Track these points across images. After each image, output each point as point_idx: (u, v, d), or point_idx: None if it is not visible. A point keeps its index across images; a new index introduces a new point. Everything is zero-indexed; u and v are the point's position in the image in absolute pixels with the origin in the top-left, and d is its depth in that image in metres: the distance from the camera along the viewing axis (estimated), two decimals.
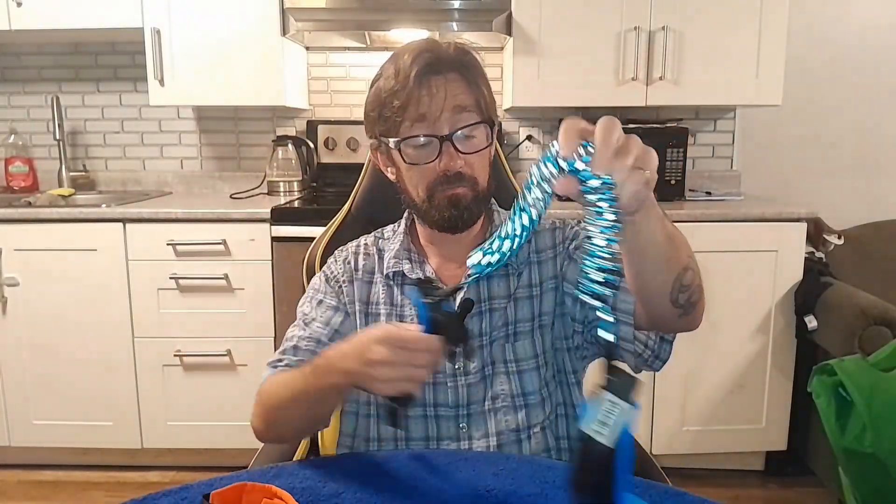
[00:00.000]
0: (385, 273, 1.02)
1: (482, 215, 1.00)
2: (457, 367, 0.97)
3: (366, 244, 1.07)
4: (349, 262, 1.05)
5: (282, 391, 0.89)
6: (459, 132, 0.92)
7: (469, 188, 0.94)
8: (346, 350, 0.78)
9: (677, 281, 0.81)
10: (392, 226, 1.09)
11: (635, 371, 0.95)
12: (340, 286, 1.03)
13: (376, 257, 1.05)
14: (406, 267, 1.01)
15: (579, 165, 0.61)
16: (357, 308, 1.01)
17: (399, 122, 0.93)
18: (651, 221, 0.72)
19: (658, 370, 0.94)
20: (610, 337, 0.60)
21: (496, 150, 1.24)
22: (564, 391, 1.03)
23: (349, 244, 1.09)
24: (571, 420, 1.02)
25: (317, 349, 0.95)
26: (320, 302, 1.02)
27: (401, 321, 1.00)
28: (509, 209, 1.08)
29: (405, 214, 1.08)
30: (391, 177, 1.03)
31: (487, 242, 0.66)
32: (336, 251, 1.09)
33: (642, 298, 0.84)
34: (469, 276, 0.68)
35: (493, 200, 1.08)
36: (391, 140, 0.95)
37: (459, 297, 0.98)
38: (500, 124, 2.63)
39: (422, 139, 0.93)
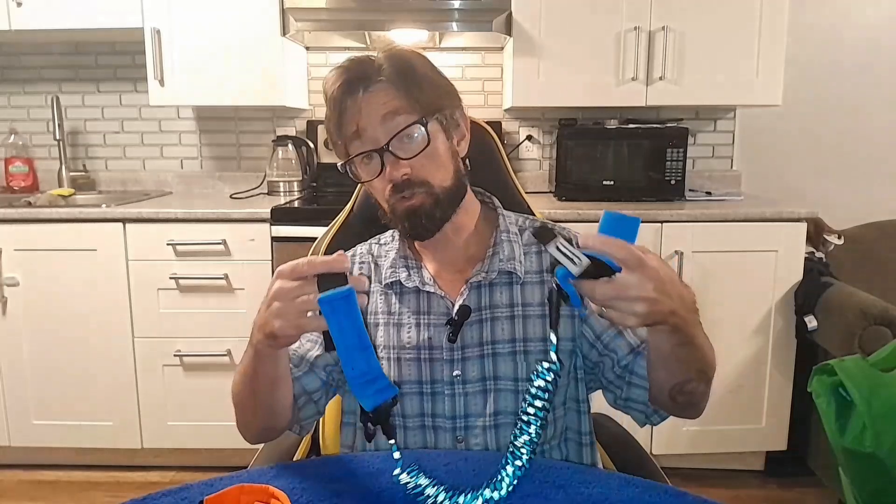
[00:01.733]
0: (383, 283, 1.01)
1: (451, 216, 0.97)
2: (455, 374, 0.95)
3: (361, 253, 1.06)
4: None
5: (235, 378, 0.91)
6: (395, 139, 0.90)
7: (424, 194, 0.92)
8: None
9: (678, 385, 0.85)
10: (390, 231, 1.08)
11: (640, 425, 0.98)
12: None
13: (372, 266, 1.04)
14: (403, 275, 0.99)
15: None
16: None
17: (342, 144, 0.95)
18: (660, 342, 0.79)
19: (657, 424, 0.96)
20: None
21: (498, 149, 1.24)
22: (572, 418, 1.00)
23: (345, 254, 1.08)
24: (575, 445, 1.01)
25: (301, 363, 0.96)
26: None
27: (398, 330, 0.98)
28: (510, 210, 1.08)
29: None
30: (372, 198, 1.02)
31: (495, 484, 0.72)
32: None
33: (649, 379, 0.90)
34: None
35: (497, 203, 1.07)
36: (339, 164, 0.97)
37: (458, 304, 0.97)
38: (496, 121, 2.63)
39: (363, 156, 0.93)
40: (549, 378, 0.70)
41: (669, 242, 2.12)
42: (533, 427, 0.70)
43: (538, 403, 0.71)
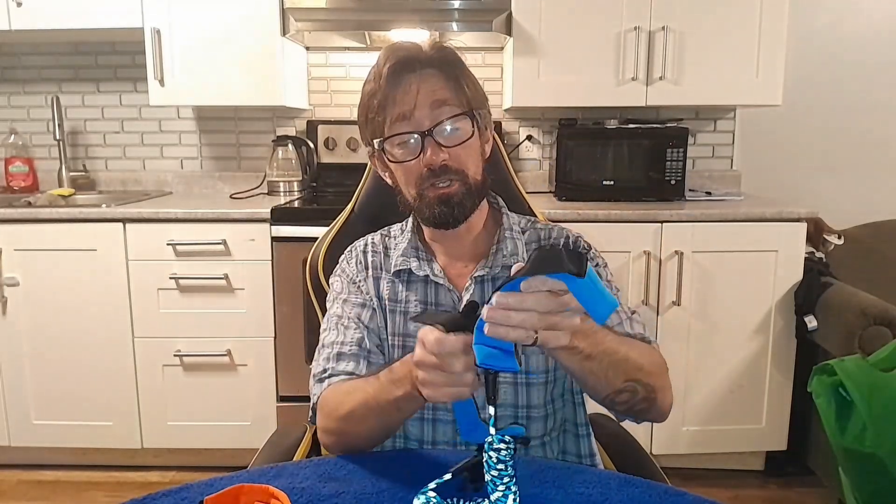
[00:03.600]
0: (392, 270, 1.02)
1: (476, 209, 0.99)
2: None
3: (373, 242, 1.07)
4: (360, 262, 1.05)
5: (354, 402, 0.86)
6: (440, 126, 0.92)
7: (459, 182, 0.94)
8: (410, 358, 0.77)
9: (608, 398, 0.85)
10: (399, 225, 1.09)
11: (619, 421, 0.98)
12: (358, 286, 1.03)
13: (383, 255, 1.05)
14: (414, 265, 1.01)
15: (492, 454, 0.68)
16: (375, 304, 1.02)
17: (381, 122, 0.94)
18: (569, 361, 0.77)
19: (639, 423, 0.94)
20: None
21: (499, 149, 1.25)
22: (568, 409, 1.03)
23: (357, 243, 1.09)
24: (572, 437, 1.03)
25: (360, 352, 0.95)
26: (346, 301, 1.02)
27: (405, 318, 1.00)
28: (513, 210, 1.09)
29: (412, 214, 1.08)
30: (388, 181, 1.03)
31: None
32: (346, 251, 1.08)
33: None
34: None
35: (502, 203, 1.08)
36: (376, 141, 0.96)
37: (465, 299, 0.98)
38: (496, 121, 2.63)
39: (404, 137, 0.93)
40: (503, 453, 0.69)
41: (669, 242, 2.12)
42: (500, 486, 0.69)
43: (500, 467, 0.69)
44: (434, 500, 0.69)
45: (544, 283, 0.65)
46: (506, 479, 0.68)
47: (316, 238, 1.26)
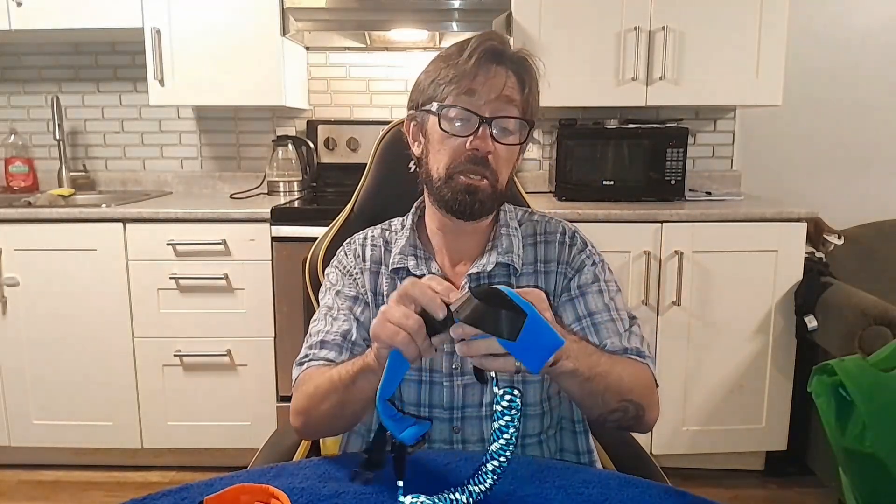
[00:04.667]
0: (391, 267, 1.02)
1: (492, 213, 1.00)
2: (454, 366, 0.97)
3: (373, 236, 1.07)
4: (358, 255, 1.05)
5: (318, 381, 0.89)
6: (500, 119, 0.93)
7: (489, 181, 0.95)
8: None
9: (601, 416, 0.90)
10: (399, 219, 1.09)
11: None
12: (354, 278, 1.03)
13: (383, 249, 1.05)
14: (411, 263, 1.01)
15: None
16: (369, 298, 1.02)
17: (449, 92, 0.94)
18: (569, 384, 0.83)
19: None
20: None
21: None
22: (565, 407, 1.04)
23: (356, 236, 1.09)
24: (569, 434, 1.04)
25: (344, 343, 0.96)
26: (338, 292, 1.02)
27: None
28: (512, 205, 1.09)
29: (412, 209, 1.08)
30: (416, 150, 1.02)
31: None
32: (345, 243, 1.08)
33: None
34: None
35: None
36: (435, 104, 0.95)
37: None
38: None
39: (463, 112, 0.93)
40: (509, 414, 0.70)
41: (669, 242, 2.12)
42: (505, 435, 0.69)
43: (505, 420, 0.70)
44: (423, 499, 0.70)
45: (475, 344, 0.69)
46: (511, 431, 0.69)
47: (316, 238, 1.26)
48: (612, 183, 2.34)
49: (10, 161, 2.66)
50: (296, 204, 2.36)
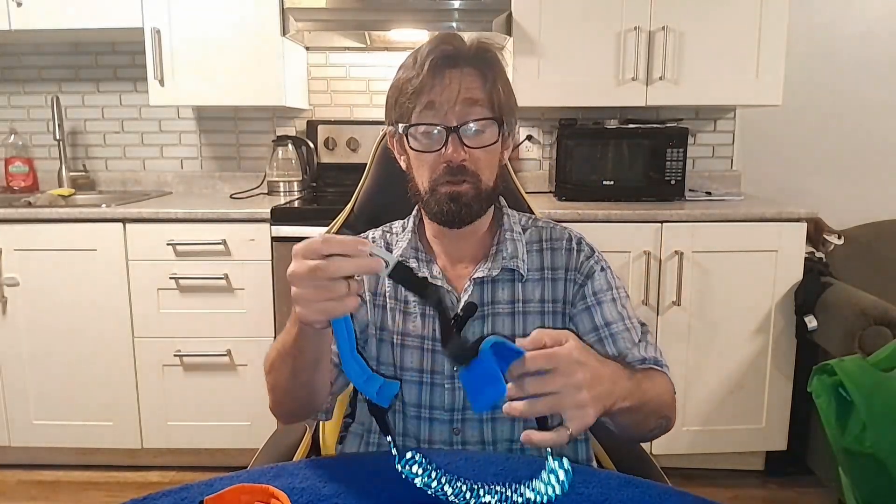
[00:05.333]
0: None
1: (483, 214, 0.99)
2: (455, 369, 0.96)
3: (374, 237, 1.07)
4: None
5: (271, 354, 0.88)
6: (467, 125, 0.92)
7: (471, 185, 0.94)
8: None
9: (640, 437, 0.94)
10: (401, 222, 1.09)
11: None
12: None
13: (384, 249, 1.05)
14: (413, 265, 1.00)
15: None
16: (367, 297, 1.02)
17: (411, 108, 0.93)
18: (621, 421, 0.83)
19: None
20: None
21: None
22: None
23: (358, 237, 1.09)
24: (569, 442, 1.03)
25: None
26: None
27: (405, 317, 1.00)
28: (514, 209, 1.09)
29: (413, 212, 1.07)
30: (402, 165, 1.03)
31: None
32: None
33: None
34: None
35: (503, 202, 1.08)
36: (401, 125, 0.95)
37: (464, 300, 0.98)
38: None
39: (430, 127, 0.93)
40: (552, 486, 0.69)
41: (669, 242, 2.12)
42: None
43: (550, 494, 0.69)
44: (417, 459, 0.71)
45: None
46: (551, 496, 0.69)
47: None
48: (612, 183, 2.34)
49: (10, 161, 2.66)
50: (296, 204, 2.36)
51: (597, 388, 0.69)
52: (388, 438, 0.74)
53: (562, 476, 0.68)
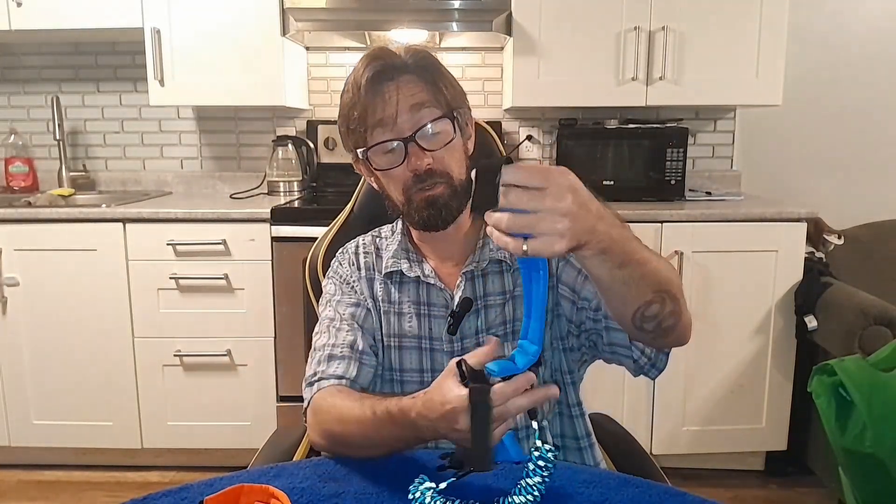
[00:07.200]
0: (384, 272, 1.03)
1: (464, 208, 0.98)
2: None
3: (364, 243, 1.08)
4: (353, 263, 1.06)
5: (351, 427, 0.84)
6: (422, 130, 0.92)
7: (444, 185, 0.94)
8: (429, 410, 0.73)
9: (638, 311, 0.78)
10: (389, 226, 1.10)
11: (634, 375, 0.94)
12: (352, 286, 1.04)
13: (374, 255, 1.06)
14: (405, 266, 1.01)
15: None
16: (370, 304, 1.02)
17: (363, 131, 0.94)
18: (595, 267, 0.72)
19: (654, 378, 0.94)
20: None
21: (499, 149, 1.25)
22: (560, 391, 1.03)
23: (348, 245, 1.10)
24: (567, 419, 1.03)
25: (352, 354, 0.95)
26: (339, 302, 1.02)
27: (399, 318, 1.00)
28: None
29: (401, 216, 1.08)
30: (375, 186, 1.04)
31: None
32: (338, 253, 1.09)
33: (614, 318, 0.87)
34: None
35: None
36: (359, 150, 0.96)
37: (457, 296, 0.98)
38: (496, 121, 2.63)
39: (386, 145, 0.93)
40: (540, 475, 0.71)
41: (669, 242, 2.12)
42: (531, 495, 0.71)
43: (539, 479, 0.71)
44: (430, 493, 0.70)
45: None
46: (536, 494, 0.70)
47: (316, 238, 1.26)
48: (612, 183, 2.34)
49: (10, 161, 2.66)
50: (296, 204, 2.36)
51: (580, 223, 0.64)
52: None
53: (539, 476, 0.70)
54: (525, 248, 0.63)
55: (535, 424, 0.72)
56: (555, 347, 1.01)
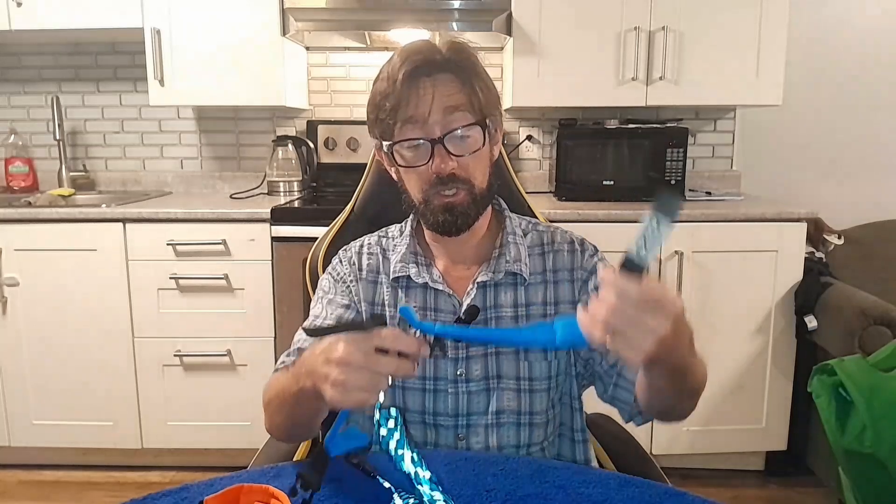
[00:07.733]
0: (391, 276, 1.01)
1: (481, 216, 0.98)
2: (459, 373, 0.96)
3: (369, 244, 1.06)
4: (353, 263, 1.04)
5: (271, 393, 0.89)
6: (451, 134, 0.91)
7: (465, 192, 0.93)
8: (317, 348, 0.74)
9: (666, 409, 0.87)
10: (398, 226, 1.08)
11: (625, 421, 0.97)
12: (348, 286, 1.02)
13: (381, 257, 1.04)
14: (413, 271, 0.99)
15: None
16: (364, 308, 1.01)
17: (392, 124, 0.92)
18: (651, 373, 0.77)
19: (639, 425, 0.96)
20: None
21: (500, 151, 1.24)
22: (566, 413, 1.03)
23: (352, 243, 1.08)
24: (568, 441, 1.03)
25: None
26: (330, 301, 1.01)
27: (404, 324, 0.99)
28: (513, 211, 1.09)
29: (411, 216, 1.06)
30: (394, 176, 1.02)
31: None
32: (340, 251, 1.08)
33: (636, 396, 0.90)
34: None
35: (504, 206, 1.07)
36: (385, 143, 0.95)
37: (466, 304, 0.98)
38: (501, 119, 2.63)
39: (414, 142, 0.92)
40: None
41: (669, 242, 2.12)
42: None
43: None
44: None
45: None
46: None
47: (316, 238, 1.26)
48: (612, 183, 2.34)
49: (10, 161, 2.66)
50: (296, 204, 2.36)
51: (665, 346, 0.64)
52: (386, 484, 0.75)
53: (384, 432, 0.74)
54: (609, 340, 0.63)
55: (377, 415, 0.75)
56: (567, 373, 1.00)
